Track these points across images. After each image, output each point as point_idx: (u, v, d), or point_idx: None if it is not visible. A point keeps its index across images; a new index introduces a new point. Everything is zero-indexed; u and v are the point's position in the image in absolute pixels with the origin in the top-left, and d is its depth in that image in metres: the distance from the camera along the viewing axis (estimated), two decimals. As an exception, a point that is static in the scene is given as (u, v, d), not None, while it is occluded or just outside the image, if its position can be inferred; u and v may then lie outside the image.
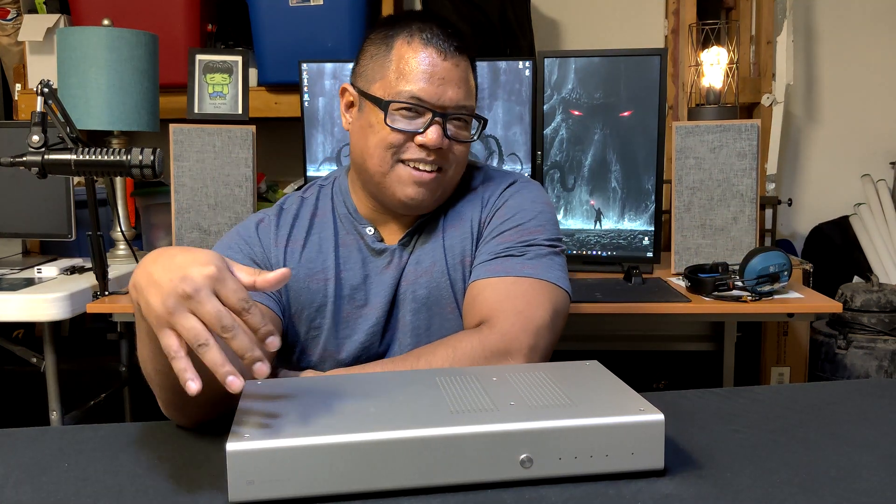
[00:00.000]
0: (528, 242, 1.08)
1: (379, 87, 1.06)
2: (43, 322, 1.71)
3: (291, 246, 1.11)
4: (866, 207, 2.76)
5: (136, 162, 1.47)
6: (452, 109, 1.05)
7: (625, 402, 0.74)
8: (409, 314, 1.09)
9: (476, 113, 1.10)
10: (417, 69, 1.03)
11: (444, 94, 1.04)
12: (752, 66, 2.63)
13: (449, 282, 1.09)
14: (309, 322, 1.10)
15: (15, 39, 2.60)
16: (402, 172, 1.06)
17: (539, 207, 1.12)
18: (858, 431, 0.84)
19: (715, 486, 0.70)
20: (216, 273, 0.70)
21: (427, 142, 1.03)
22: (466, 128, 1.09)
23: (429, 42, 1.04)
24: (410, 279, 1.09)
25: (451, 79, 1.04)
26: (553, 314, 1.03)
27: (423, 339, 1.08)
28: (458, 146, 1.08)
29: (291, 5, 2.30)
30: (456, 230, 1.12)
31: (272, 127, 2.48)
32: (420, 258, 1.10)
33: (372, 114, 1.06)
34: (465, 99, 1.06)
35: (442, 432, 0.68)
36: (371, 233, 1.12)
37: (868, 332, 2.26)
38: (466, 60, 1.07)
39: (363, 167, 1.09)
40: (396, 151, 1.05)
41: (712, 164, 1.88)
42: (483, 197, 1.14)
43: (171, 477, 0.75)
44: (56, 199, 2.00)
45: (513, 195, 1.13)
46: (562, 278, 1.07)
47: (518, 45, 2.48)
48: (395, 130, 1.04)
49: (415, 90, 1.03)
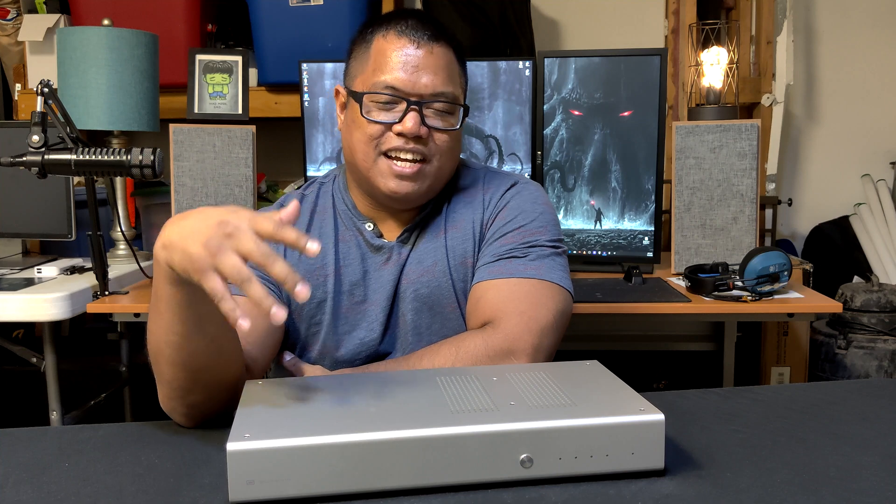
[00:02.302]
0: (530, 243, 1.08)
1: (359, 81, 1.08)
2: (43, 322, 1.71)
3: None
4: (866, 207, 2.76)
5: (136, 162, 1.47)
6: (429, 97, 1.05)
7: (625, 402, 0.74)
8: (411, 313, 1.09)
9: (457, 101, 1.08)
10: (392, 60, 1.05)
11: (418, 80, 1.04)
12: (752, 66, 2.63)
13: (451, 282, 1.10)
14: (309, 318, 1.11)
15: (15, 39, 2.60)
16: (384, 166, 1.06)
17: (540, 208, 1.13)
18: (858, 431, 0.84)
19: (715, 486, 0.71)
20: (249, 214, 0.76)
21: (404, 130, 1.04)
22: (449, 116, 1.08)
23: (402, 33, 1.06)
24: (412, 278, 1.10)
25: (426, 66, 1.05)
26: (556, 314, 1.03)
27: (424, 337, 1.09)
28: (440, 135, 1.07)
29: (291, 5, 2.30)
30: (458, 231, 1.12)
31: (272, 127, 2.48)
32: (422, 257, 1.11)
33: (354, 109, 1.08)
34: (443, 85, 1.06)
35: (442, 432, 0.68)
36: (370, 229, 1.13)
37: (868, 332, 2.26)
38: (445, 47, 1.07)
39: (352, 163, 1.10)
40: (377, 143, 1.06)
41: (712, 164, 1.88)
42: (485, 198, 1.14)
43: (171, 477, 0.75)
44: (56, 199, 2.00)
45: (514, 196, 1.13)
46: (564, 279, 1.08)
47: (518, 45, 2.48)
48: (372, 122, 1.05)
49: (389, 80, 1.04)
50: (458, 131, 1.10)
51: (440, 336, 1.07)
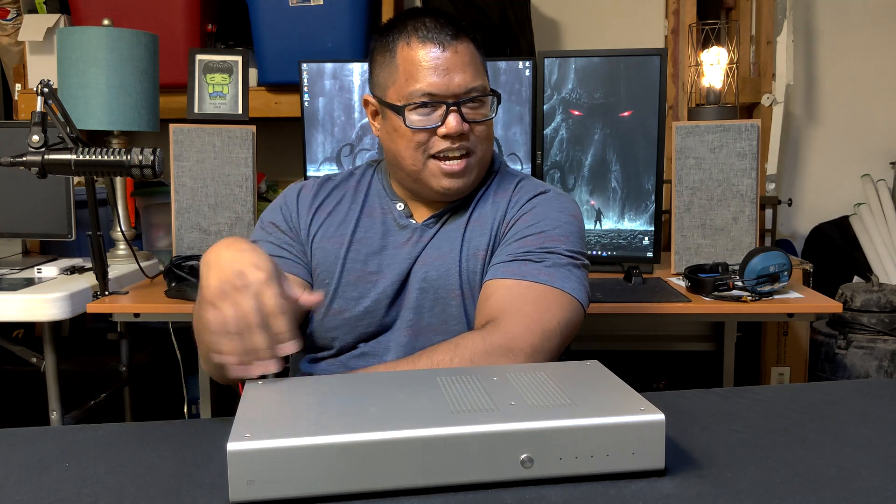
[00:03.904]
0: (548, 250, 1.09)
1: (393, 92, 1.11)
2: (43, 322, 1.71)
3: (320, 212, 1.20)
4: (866, 207, 2.76)
5: (136, 162, 1.47)
6: (464, 94, 1.09)
7: (625, 402, 0.74)
8: (416, 292, 1.12)
9: (487, 91, 1.13)
10: (422, 67, 1.08)
11: (451, 82, 1.08)
12: (752, 66, 2.63)
13: (458, 269, 1.12)
14: (321, 280, 1.16)
15: (15, 39, 2.60)
16: (434, 167, 1.11)
17: (566, 218, 1.14)
18: (858, 431, 0.84)
19: (715, 486, 0.71)
20: (265, 278, 0.83)
21: (449, 131, 1.08)
22: (483, 106, 1.13)
23: (426, 38, 1.09)
24: (427, 261, 1.13)
25: (455, 65, 1.09)
26: (561, 322, 1.04)
27: (425, 318, 1.12)
28: (479, 126, 1.12)
29: (291, 5, 2.30)
30: (479, 225, 1.15)
31: (272, 127, 2.48)
32: (440, 245, 1.14)
33: (394, 119, 1.12)
34: (473, 80, 1.10)
35: (442, 432, 0.68)
36: (401, 209, 1.18)
37: (868, 332, 2.26)
38: (466, 42, 1.11)
39: (398, 167, 1.15)
40: (425, 149, 1.11)
41: (712, 164, 1.88)
42: (511, 199, 1.17)
43: (171, 477, 0.75)
44: (56, 199, 2.00)
45: (541, 203, 1.15)
46: (577, 289, 1.08)
47: (518, 45, 2.48)
48: (417, 130, 1.09)
49: (424, 87, 1.08)
50: (492, 119, 1.15)
51: (438, 319, 1.11)
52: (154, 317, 1.71)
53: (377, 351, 1.12)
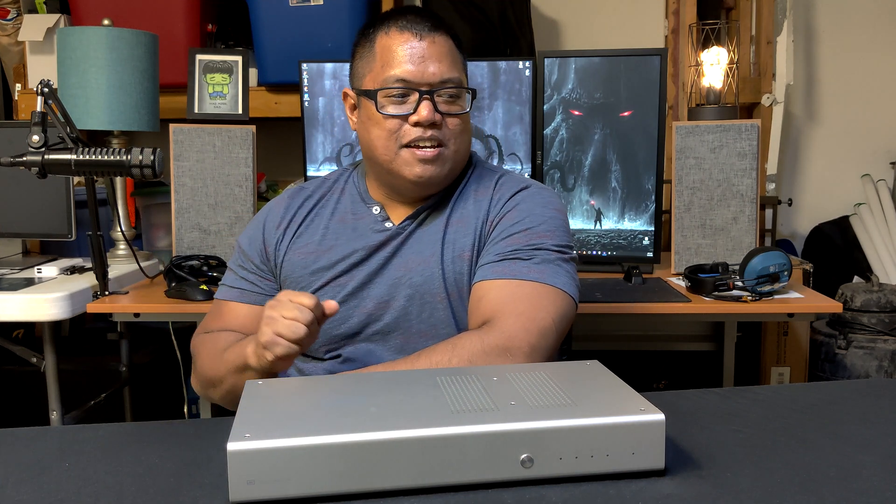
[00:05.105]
0: (536, 246, 1.09)
1: (369, 80, 1.12)
2: (43, 322, 1.71)
3: (291, 225, 1.19)
4: (866, 207, 2.76)
5: (136, 162, 1.47)
6: (438, 84, 1.10)
7: (625, 402, 0.74)
8: (403, 299, 1.11)
9: (463, 85, 1.13)
10: (398, 54, 1.09)
11: (426, 70, 1.09)
12: (752, 66, 2.63)
13: (442, 273, 1.11)
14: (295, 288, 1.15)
15: (15, 39, 2.60)
16: (407, 155, 1.11)
17: (550, 213, 1.14)
18: (858, 431, 0.84)
19: (715, 486, 0.70)
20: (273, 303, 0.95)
21: (420, 119, 1.08)
22: (458, 101, 1.13)
23: (404, 28, 1.10)
24: (410, 266, 1.12)
25: (431, 55, 1.09)
26: (556, 318, 1.04)
27: (414, 325, 1.11)
28: (452, 119, 1.12)
29: (291, 5, 2.30)
30: (461, 225, 1.14)
31: (272, 127, 2.48)
32: (421, 248, 1.13)
33: (369, 107, 1.12)
34: (449, 71, 1.11)
35: (442, 432, 0.68)
36: (377, 211, 1.17)
37: (868, 332, 2.26)
38: (444, 36, 1.12)
39: (372, 159, 1.14)
40: (397, 137, 1.10)
41: (712, 164, 1.88)
42: (493, 198, 1.16)
43: (171, 477, 0.75)
44: (56, 199, 2.00)
45: (524, 199, 1.15)
46: (568, 284, 1.08)
47: (518, 45, 2.48)
48: (388, 117, 1.09)
49: (399, 73, 1.09)
50: (467, 114, 1.14)
51: (426, 324, 1.10)
52: (154, 317, 1.71)
53: (368, 360, 1.11)
